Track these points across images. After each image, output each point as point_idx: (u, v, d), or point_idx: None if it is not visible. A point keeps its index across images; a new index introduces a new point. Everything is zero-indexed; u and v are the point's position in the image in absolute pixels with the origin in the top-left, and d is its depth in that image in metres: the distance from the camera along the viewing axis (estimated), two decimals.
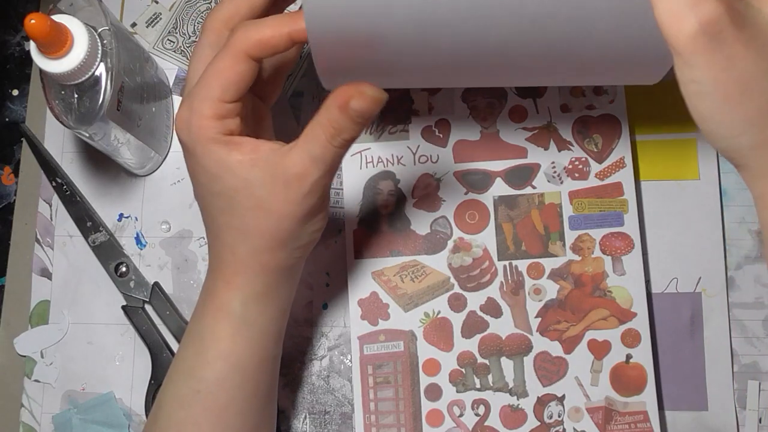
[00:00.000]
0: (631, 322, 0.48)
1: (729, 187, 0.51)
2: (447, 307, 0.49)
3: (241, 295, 0.40)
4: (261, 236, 0.39)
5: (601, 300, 0.48)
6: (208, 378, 0.40)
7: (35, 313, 0.52)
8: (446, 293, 0.49)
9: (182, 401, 0.41)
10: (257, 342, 0.41)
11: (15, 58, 0.56)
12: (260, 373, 0.42)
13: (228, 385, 0.40)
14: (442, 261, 0.49)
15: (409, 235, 0.50)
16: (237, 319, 0.40)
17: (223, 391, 0.40)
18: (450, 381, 0.48)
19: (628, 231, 0.49)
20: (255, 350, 0.41)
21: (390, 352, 0.49)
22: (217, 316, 0.40)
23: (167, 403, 0.41)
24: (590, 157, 0.50)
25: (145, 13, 0.56)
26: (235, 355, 0.40)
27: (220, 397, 0.40)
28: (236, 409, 0.41)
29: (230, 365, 0.40)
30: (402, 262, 0.50)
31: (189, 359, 0.41)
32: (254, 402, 0.42)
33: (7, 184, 0.55)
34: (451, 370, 0.48)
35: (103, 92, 0.43)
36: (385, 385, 0.48)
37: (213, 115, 0.37)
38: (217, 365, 0.40)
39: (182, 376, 0.41)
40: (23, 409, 0.51)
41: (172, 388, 0.42)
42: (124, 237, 0.53)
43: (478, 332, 0.49)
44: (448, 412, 0.48)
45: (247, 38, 0.37)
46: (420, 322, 0.49)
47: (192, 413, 0.40)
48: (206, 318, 0.41)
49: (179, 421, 0.40)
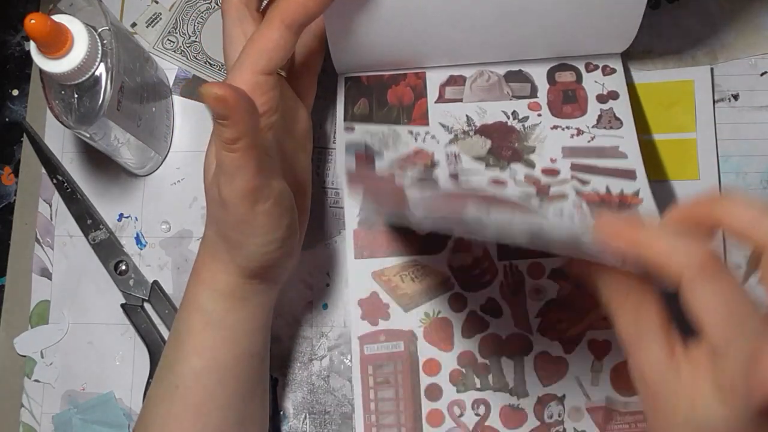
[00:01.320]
0: None
1: (729, 187, 0.51)
2: (447, 307, 0.49)
3: (208, 291, 0.40)
4: (226, 224, 0.38)
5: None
6: (186, 373, 0.40)
7: (35, 313, 0.52)
8: (446, 293, 0.49)
9: (163, 396, 0.41)
10: (229, 339, 0.41)
11: (15, 58, 0.56)
12: (239, 369, 0.41)
13: (205, 380, 0.40)
14: (443, 261, 0.49)
15: (409, 235, 0.50)
16: (207, 314, 0.40)
17: (200, 386, 0.40)
18: (450, 381, 0.48)
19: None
20: (229, 347, 0.41)
21: (390, 352, 0.49)
22: (189, 309, 0.41)
23: (151, 399, 0.42)
24: None
25: (145, 13, 0.56)
26: (209, 350, 0.40)
27: (197, 392, 0.40)
28: (215, 405, 0.40)
29: (205, 360, 0.40)
30: (402, 262, 0.50)
31: (169, 354, 0.41)
32: (236, 398, 0.41)
33: (7, 184, 0.55)
34: (452, 370, 0.48)
35: (103, 92, 0.43)
36: (385, 385, 0.48)
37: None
38: (192, 360, 0.40)
39: (164, 371, 0.41)
40: (23, 409, 0.51)
41: (155, 384, 0.42)
42: (124, 237, 0.53)
43: (479, 332, 0.49)
44: (448, 412, 0.48)
45: (284, 7, 0.37)
46: (420, 322, 0.49)
47: (173, 408, 0.40)
48: (182, 312, 0.41)
49: (162, 416, 0.40)
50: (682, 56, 0.53)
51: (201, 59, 0.55)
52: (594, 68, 0.50)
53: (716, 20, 0.53)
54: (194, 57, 0.55)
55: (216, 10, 0.55)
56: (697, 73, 0.52)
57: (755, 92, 0.52)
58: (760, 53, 0.53)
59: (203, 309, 0.40)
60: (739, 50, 0.53)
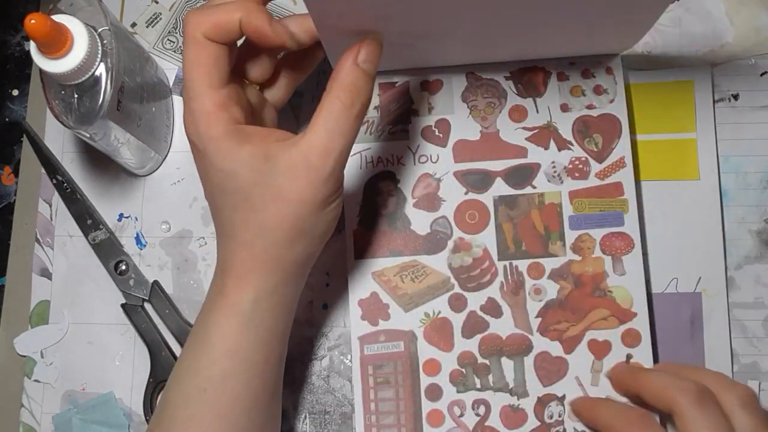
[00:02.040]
0: (632, 322, 0.48)
1: (729, 187, 0.51)
2: (447, 307, 0.49)
3: (253, 293, 0.40)
4: (280, 227, 0.38)
5: (602, 300, 0.48)
6: (214, 376, 0.40)
7: (35, 313, 0.52)
8: (446, 293, 0.49)
9: (187, 400, 0.40)
10: (264, 340, 0.41)
11: (15, 58, 0.56)
12: (266, 371, 0.42)
13: (234, 383, 0.40)
14: (443, 261, 0.49)
15: (409, 235, 0.50)
16: (246, 317, 0.40)
17: (229, 389, 0.40)
18: (450, 381, 0.48)
19: (628, 231, 0.49)
20: (261, 348, 0.41)
21: (390, 353, 0.49)
22: (227, 314, 0.40)
23: (172, 402, 0.41)
24: (590, 156, 0.50)
25: (145, 13, 0.56)
26: (242, 353, 0.40)
27: (225, 396, 0.40)
28: (242, 408, 0.40)
29: (236, 363, 0.40)
30: (402, 262, 0.50)
31: (195, 358, 0.41)
32: (261, 401, 0.41)
33: (7, 184, 0.55)
34: (452, 370, 0.48)
35: (103, 92, 0.43)
36: (385, 385, 0.48)
37: (213, 105, 0.38)
38: (224, 363, 0.40)
39: (188, 375, 0.41)
40: (23, 409, 0.51)
41: (176, 387, 0.42)
42: (124, 237, 0.53)
43: (479, 332, 0.49)
44: (448, 413, 0.48)
45: (198, 23, 0.38)
46: (420, 322, 0.49)
47: (197, 412, 0.40)
48: (214, 317, 0.41)
49: (184, 420, 0.40)
50: (682, 56, 0.53)
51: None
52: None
53: (716, 20, 0.53)
54: None
55: None
56: (697, 73, 0.52)
57: (755, 92, 0.52)
58: (760, 53, 0.53)
59: (244, 312, 0.40)
60: (739, 50, 0.53)
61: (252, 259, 0.40)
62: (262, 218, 0.38)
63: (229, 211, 0.39)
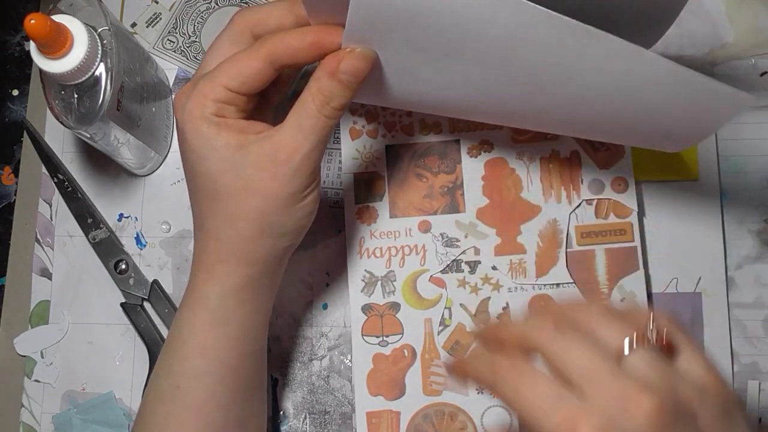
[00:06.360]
0: None
1: (729, 187, 0.51)
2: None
3: (220, 288, 0.40)
4: (245, 219, 0.38)
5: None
6: (187, 373, 0.40)
7: (35, 313, 0.52)
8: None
9: (163, 397, 0.41)
10: (235, 337, 0.41)
11: (15, 58, 0.57)
12: (241, 367, 0.41)
13: (207, 380, 0.40)
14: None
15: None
16: (214, 313, 0.40)
17: (202, 385, 0.40)
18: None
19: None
20: (233, 345, 0.41)
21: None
22: (195, 308, 0.40)
23: (150, 400, 0.42)
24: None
25: (145, 13, 0.56)
26: (213, 349, 0.40)
27: (199, 392, 0.40)
28: (216, 404, 0.40)
29: (208, 360, 0.40)
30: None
31: (169, 354, 0.41)
32: (237, 397, 0.41)
33: (7, 184, 0.55)
34: None
35: (103, 92, 0.43)
36: None
37: (211, 95, 0.38)
38: (194, 360, 0.40)
39: (163, 372, 0.41)
40: (23, 409, 0.51)
41: (154, 384, 0.42)
42: (125, 237, 0.53)
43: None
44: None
45: (275, 43, 0.37)
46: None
47: (173, 409, 0.40)
48: (185, 312, 0.41)
49: (162, 417, 0.40)
50: (682, 56, 0.53)
51: (201, 59, 0.54)
52: None
53: (716, 20, 0.53)
54: (194, 57, 0.55)
55: (216, 10, 0.55)
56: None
57: (755, 92, 0.52)
58: (760, 53, 0.53)
59: (211, 307, 0.40)
60: (739, 50, 0.53)
61: (219, 250, 0.39)
62: (228, 208, 0.38)
63: (200, 197, 0.39)
